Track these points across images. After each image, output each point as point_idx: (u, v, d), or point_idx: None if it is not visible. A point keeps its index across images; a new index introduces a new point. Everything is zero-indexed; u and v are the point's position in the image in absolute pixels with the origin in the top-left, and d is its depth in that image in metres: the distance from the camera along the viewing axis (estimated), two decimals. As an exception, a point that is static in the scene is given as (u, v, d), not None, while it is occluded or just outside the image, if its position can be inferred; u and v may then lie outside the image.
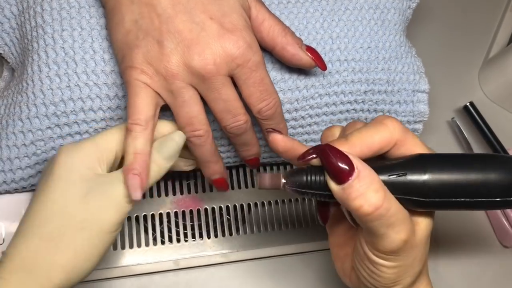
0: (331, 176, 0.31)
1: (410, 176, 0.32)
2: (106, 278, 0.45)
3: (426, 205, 0.33)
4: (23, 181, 0.42)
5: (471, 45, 0.63)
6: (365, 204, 0.30)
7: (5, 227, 0.43)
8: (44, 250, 0.33)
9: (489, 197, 0.32)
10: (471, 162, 0.33)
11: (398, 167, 0.32)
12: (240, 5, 0.37)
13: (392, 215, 0.31)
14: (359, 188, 0.30)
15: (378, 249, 0.32)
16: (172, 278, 0.46)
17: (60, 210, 0.33)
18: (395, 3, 0.47)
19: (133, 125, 0.35)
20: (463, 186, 0.32)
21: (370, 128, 0.33)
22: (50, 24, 0.40)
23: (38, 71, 0.40)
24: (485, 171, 0.32)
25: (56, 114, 0.40)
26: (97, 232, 0.34)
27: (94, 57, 0.40)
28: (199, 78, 0.36)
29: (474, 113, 0.55)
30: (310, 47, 0.41)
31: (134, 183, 0.34)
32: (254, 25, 0.39)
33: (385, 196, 0.31)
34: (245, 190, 0.49)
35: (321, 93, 0.44)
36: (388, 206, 0.30)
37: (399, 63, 0.46)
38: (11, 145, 0.40)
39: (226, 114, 0.38)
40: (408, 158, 0.33)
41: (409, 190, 0.32)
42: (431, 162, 0.32)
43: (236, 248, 0.47)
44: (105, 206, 0.34)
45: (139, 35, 0.36)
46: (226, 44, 0.36)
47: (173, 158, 0.37)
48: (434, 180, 0.32)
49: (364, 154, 0.33)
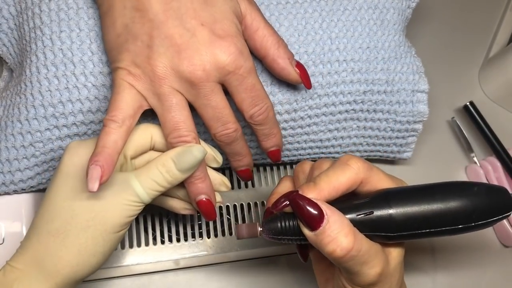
0: (304, 224, 0.33)
1: (376, 213, 0.33)
2: (106, 278, 0.45)
3: (394, 239, 0.34)
4: (22, 183, 0.42)
5: (471, 45, 0.63)
6: (337, 249, 0.32)
7: (5, 227, 0.43)
8: (52, 245, 0.34)
9: (452, 225, 0.34)
10: (433, 193, 0.34)
11: (364, 206, 0.34)
12: (232, 12, 0.37)
13: (363, 254, 0.32)
14: (331, 233, 0.32)
15: (355, 283, 0.34)
16: (172, 277, 0.46)
17: (67, 207, 0.34)
18: (394, 3, 0.47)
19: (109, 121, 0.35)
20: (427, 218, 0.33)
21: (336, 171, 0.35)
22: (48, 25, 0.40)
23: (37, 73, 0.40)
24: (447, 200, 0.34)
25: (54, 116, 0.40)
26: (101, 232, 0.34)
27: (92, 59, 0.40)
28: (187, 84, 0.36)
29: (474, 112, 0.55)
30: (300, 64, 0.40)
31: (92, 173, 0.33)
32: (248, 32, 0.39)
33: (355, 238, 0.32)
34: (245, 190, 0.49)
35: (320, 93, 0.44)
36: (359, 247, 0.32)
37: (398, 63, 0.46)
38: (10, 147, 0.40)
39: (215, 121, 0.37)
40: (374, 196, 0.34)
41: (377, 227, 0.34)
42: (394, 197, 0.34)
43: (236, 248, 0.47)
44: (110, 207, 0.35)
45: (129, 39, 0.36)
46: (216, 50, 0.36)
47: (189, 171, 0.36)
48: (399, 215, 0.33)
49: (332, 196, 0.34)
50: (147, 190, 0.35)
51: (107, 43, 0.37)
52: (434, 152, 0.56)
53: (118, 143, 0.35)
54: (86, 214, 0.34)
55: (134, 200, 0.35)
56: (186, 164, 0.36)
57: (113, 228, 0.35)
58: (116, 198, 0.35)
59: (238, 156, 0.41)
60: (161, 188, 0.36)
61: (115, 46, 0.36)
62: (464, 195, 0.34)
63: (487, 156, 0.55)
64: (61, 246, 0.34)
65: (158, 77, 0.35)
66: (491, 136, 0.54)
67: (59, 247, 0.34)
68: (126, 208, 0.35)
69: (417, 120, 0.48)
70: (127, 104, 0.35)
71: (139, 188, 0.35)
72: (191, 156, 0.36)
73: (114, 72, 0.36)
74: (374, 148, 0.49)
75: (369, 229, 0.34)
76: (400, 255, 0.35)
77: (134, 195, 0.35)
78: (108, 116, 0.35)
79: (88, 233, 0.34)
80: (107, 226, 0.35)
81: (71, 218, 0.34)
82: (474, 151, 0.55)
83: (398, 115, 0.47)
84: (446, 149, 0.56)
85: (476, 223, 0.34)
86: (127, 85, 0.36)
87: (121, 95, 0.36)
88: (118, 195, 0.35)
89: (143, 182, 0.35)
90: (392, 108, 0.46)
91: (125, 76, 0.36)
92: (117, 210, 0.35)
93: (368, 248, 0.33)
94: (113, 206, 0.35)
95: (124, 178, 0.36)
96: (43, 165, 0.42)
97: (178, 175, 0.36)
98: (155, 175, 0.36)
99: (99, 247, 0.35)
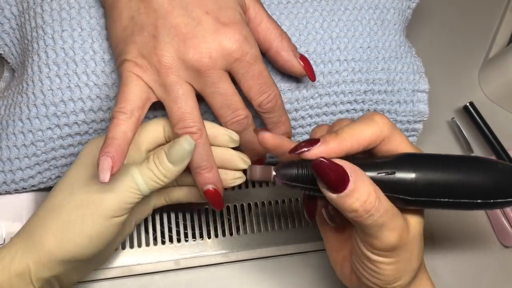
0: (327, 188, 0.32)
1: (398, 175, 0.33)
2: (106, 278, 0.45)
3: (412, 203, 0.33)
4: (23, 182, 0.42)
5: (471, 45, 0.63)
6: (360, 208, 0.31)
7: (5, 227, 0.43)
8: (46, 218, 0.35)
9: (471, 199, 0.33)
10: (457, 164, 0.34)
11: (387, 165, 0.33)
12: (236, 1, 0.37)
13: (384, 213, 0.32)
14: (354, 194, 0.31)
15: (375, 247, 0.33)
16: (173, 278, 0.46)
17: (67, 187, 0.36)
18: (394, 3, 0.47)
19: (117, 113, 0.35)
20: (449, 187, 0.33)
21: (360, 124, 0.34)
22: (50, 24, 0.40)
23: (38, 72, 0.40)
24: (469, 173, 0.33)
25: (56, 115, 0.40)
26: (92, 212, 0.35)
27: (94, 58, 0.40)
28: (194, 72, 0.36)
29: (474, 113, 0.55)
30: (303, 56, 0.41)
31: (104, 164, 0.33)
32: (252, 25, 0.39)
33: (377, 197, 0.31)
34: (245, 190, 0.49)
35: (321, 93, 0.44)
36: (380, 206, 0.31)
37: (399, 63, 0.46)
38: (11, 146, 0.40)
39: (225, 109, 0.37)
40: (397, 157, 0.34)
41: (397, 188, 0.33)
42: (419, 161, 0.33)
43: (236, 248, 0.47)
44: (106, 189, 0.35)
45: (135, 31, 0.36)
46: (222, 37, 0.36)
47: (180, 163, 0.36)
48: (421, 180, 0.33)
49: (354, 149, 0.33)
50: (145, 179, 0.36)
51: (114, 37, 0.38)
52: (434, 152, 0.55)
53: (128, 134, 0.35)
54: (82, 194, 0.35)
55: (131, 187, 0.35)
56: (175, 155, 0.36)
57: (105, 211, 0.35)
58: (114, 183, 0.35)
59: (249, 145, 0.40)
60: (156, 179, 0.36)
61: (122, 38, 0.37)
62: (488, 170, 0.33)
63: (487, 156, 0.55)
64: (52, 219, 0.35)
65: (165, 66, 0.35)
66: (491, 136, 0.54)
67: (50, 220, 0.35)
68: (122, 194, 0.35)
69: (418, 120, 0.48)
70: (135, 95, 0.35)
71: (138, 176, 0.36)
72: (179, 147, 0.35)
73: (121, 64, 0.36)
74: (375, 148, 0.49)
75: (389, 190, 0.33)
76: (419, 225, 0.35)
77: (132, 182, 0.35)
78: (117, 108, 0.35)
79: (80, 211, 0.35)
80: (99, 208, 0.35)
81: (69, 196, 0.35)
82: (474, 151, 0.55)
83: (398, 115, 0.47)
84: (446, 150, 0.56)
85: (495, 200, 0.33)
86: (134, 76, 0.36)
87: (129, 86, 0.36)
88: (117, 180, 0.35)
89: (141, 171, 0.36)
90: (393, 107, 0.47)
91: (132, 68, 0.36)
92: (113, 194, 0.35)
93: (388, 208, 0.32)
94: (109, 190, 0.35)
95: (127, 167, 0.36)
96: (44, 164, 0.42)
97: (170, 167, 0.36)
98: (152, 166, 0.36)
99: (87, 228, 0.35)
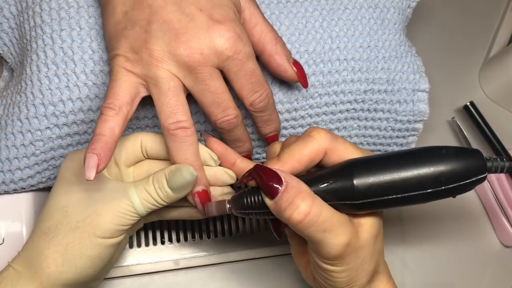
0: (264, 193, 0.33)
1: (339, 183, 0.33)
2: (106, 278, 0.45)
3: (361, 207, 0.34)
4: (21, 182, 0.42)
5: (471, 45, 0.63)
6: (294, 212, 0.32)
7: (4, 227, 0.43)
8: (42, 243, 0.35)
9: (421, 190, 0.33)
10: (398, 159, 0.34)
11: (327, 176, 0.34)
12: (231, 0, 0.37)
13: (324, 220, 0.32)
14: (288, 198, 0.32)
15: (322, 255, 0.33)
16: (172, 278, 0.46)
17: (60, 208, 0.35)
18: (394, 2, 0.47)
19: (105, 108, 0.34)
20: (392, 183, 0.33)
21: (299, 143, 0.35)
22: (49, 24, 0.40)
23: (37, 71, 0.40)
24: (415, 166, 0.33)
25: (55, 114, 0.40)
26: (89, 234, 0.35)
27: (92, 57, 0.40)
28: (185, 68, 0.35)
29: (474, 112, 0.55)
30: (297, 62, 0.40)
31: (89, 161, 0.32)
32: (247, 27, 0.38)
33: (313, 202, 0.32)
34: (244, 190, 0.49)
35: (321, 92, 0.44)
36: (317, 211, 0.32)
37: (399, 62, 0.46)
38: (10, 145, 0.40)
39: (215, 107, 0.37)
40: (337, 166, 0.35)
41: (340, 196, 0.33)
42: (357, 166, 0.34)
43: (236, 248, 0.47)
44: (103, 211, 0.35)
45: (128, 26, 0.36)
46: (215, 34, 0.35)
47: (180, 191, 0.36)
48: (361, 182, 0.33)
49: (296, 169, 0.34)
50: (142, 201, 0.36)
51: (107, 33, 0.37)
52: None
53: (115, 130, 0.34)
54: (77, 215, 0.35)
55: (128, 210, 0.35)
56: (175, 183, 0.35)
57: (102, 233, 0.35)
58: (110, 204, 0.35)
59: (238, 142, 0.40)
60: (155, 202, 0.36)
61: (114, 34, 0.36)
62: (431, 158, 0.33)
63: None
64: (49, 244, 0.35)
65: (156, 59, 0.35)
66: (491, 136, 0.54)
67: (47, 245, 0.35)
68: (119, 216, 0.35)
69: (418, 119, 0.48)
70: (124, 90, 0.35)
71: (135, 198, 0.35)
72: (180, 177, 0.35)
73: (112, 59, 0.36)
74: (375, 147, 0.49)
75: (335, 198, 0.33)
76: (373, 228, 0.35)
77: (129, 205, 0.35)
78: (105, 103, 0.35)
79: (76, 233, 0.35)
80: (96, 229, 0.35)
81: (63, 218, 0.35)
82: (474, 151, 0.55)
83: (398, 115, 0.47)
84: (447, 149, 0.56)
85: (446, 187, 0.33)
86: (124, 71, 0.35)
87: (118, 82, 0.35)
88: (113, 201, 0.35)
89: (140, 193, 0.36)
90: (393, 107, 0.46)
91: (122, 62, 0.35)
92: (109, 216, 0.35)
93: (330, 215, 0.32)
94: (106, 211, 0.35)
95: (123, 186, 0.36)
96: (43, 164, 0.41)
97: (170, 193, 0.36)
98: (151, 189, 0.36)
99: (86, 250, 0.35)
